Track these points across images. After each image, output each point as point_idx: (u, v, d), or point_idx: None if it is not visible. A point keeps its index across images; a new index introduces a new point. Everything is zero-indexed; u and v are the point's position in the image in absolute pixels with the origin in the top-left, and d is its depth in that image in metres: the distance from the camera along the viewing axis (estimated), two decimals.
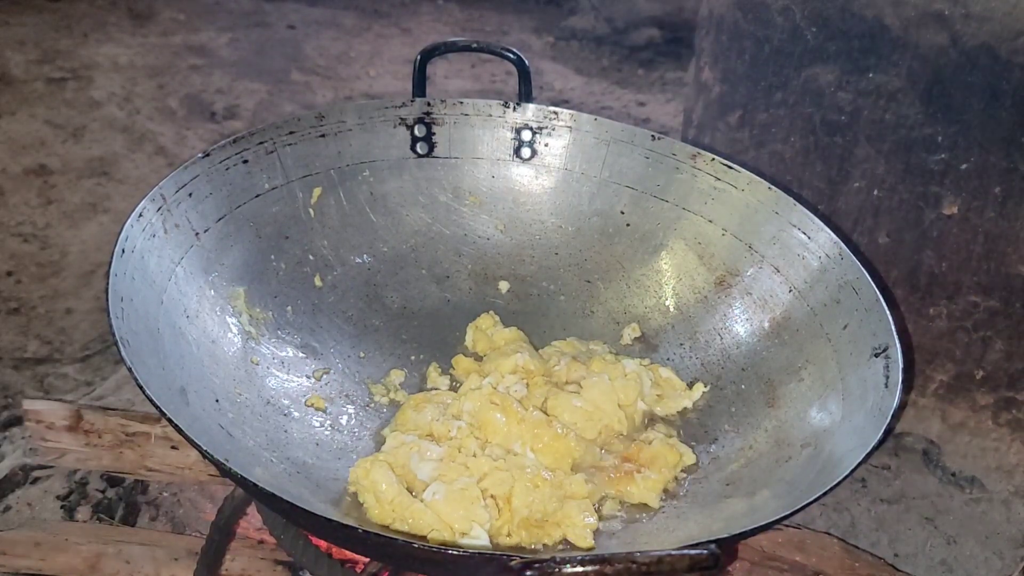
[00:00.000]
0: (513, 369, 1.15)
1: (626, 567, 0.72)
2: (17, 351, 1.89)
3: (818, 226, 1.19)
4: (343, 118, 1.29)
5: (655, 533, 1.01)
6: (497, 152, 1.37)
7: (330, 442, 1.09)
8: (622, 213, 1.35)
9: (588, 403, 1.12)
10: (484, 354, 1.24)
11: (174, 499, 1.42)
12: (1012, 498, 1.59)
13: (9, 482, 1.45)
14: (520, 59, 1.36)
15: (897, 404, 0.96)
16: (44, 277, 2.12)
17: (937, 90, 1.44)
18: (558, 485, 1.03)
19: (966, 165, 1.46)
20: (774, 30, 1.58)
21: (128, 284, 0.98)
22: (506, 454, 1.05)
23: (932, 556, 1.50)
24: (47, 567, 1.23)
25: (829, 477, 0.91)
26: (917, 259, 1.55)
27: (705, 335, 1.26)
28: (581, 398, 1.13)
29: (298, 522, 1.03)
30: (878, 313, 1.07)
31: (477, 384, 1.13)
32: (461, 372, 1.21)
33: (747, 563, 1.29)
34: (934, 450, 1.65)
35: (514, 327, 1.27)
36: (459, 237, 1.37)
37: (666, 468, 1.08)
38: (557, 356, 1.21)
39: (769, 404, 1.15)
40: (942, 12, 1.40)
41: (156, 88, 3.05)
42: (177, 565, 1.22)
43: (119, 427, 1.36)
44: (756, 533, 0.87)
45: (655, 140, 1.32)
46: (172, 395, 0.94)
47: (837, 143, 1.57)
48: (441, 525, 0.97)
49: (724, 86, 1.71)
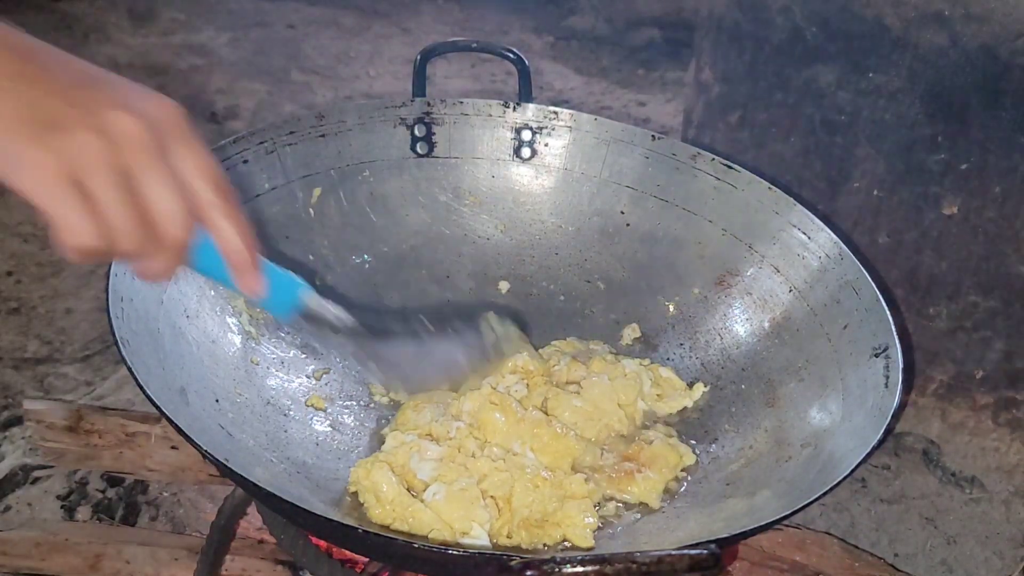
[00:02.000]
0: (513, 369, 1.15)
1: (626, 567, 0.72)
2: (17, 351, 1.88)
3: (818, 226, 1.19)
4: (343, 118, 1.29)
5: (655, 533, 1.01)
6: (497, 152, 1.37)
7: (330, 442, 1.09)
8: (622, 213, 1.35)
9: (588, 403, 1.12)
10: None
11: (174, 499, 1.42)
12: (1012, 498, 1.59)
13: (9, 482, 1.45)
14: (520, 59, 1.36)
15: (897, 404, 0.96)
16: (44, 277, 2.12)
17: (937, 90, 1.44)
18: (558, 485, 1.03)
19: (966, 165, 1.46)
20: (774, 30, 1.58)
21: (128, 284, 0.98)
22: (506, 454, 1.05)
23: (932, 556, 1.50)
24: (47, 567, 1.23)
25: (829, 477, 0.91)
26: (917, 259, 1.55)
27: (705, 335, 1.26)
28: (581, 398, 1.13)
29: (298, 522, 1.03)
30: (878, 313, 1.07)
31: (476, 384, 1.13)
32: None
33: (747, 563, 1.29)
34: (934, 450, 1.65)
35: (513, 325, 1.27)
36: (459, 237, 1.36)
37: (666, 468, 1.08)
38: (557, 356, 1.21)
39: (769, 404, 1.15)
40: (942, 12, 1.40)
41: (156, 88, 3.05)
42: (177, 565, 1.22)
43: (119, 427, 1.36)
44: (756, 533, 0.87)
45: (655, 140, 1.32)
46: (172, 395, 0.94)
47: (837, 143, 1.56)
48: (441, 525, 0.97)
49: (724, 86, 1.71)
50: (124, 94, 0.65)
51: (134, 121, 0.63)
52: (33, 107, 0.60)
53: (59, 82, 0.62)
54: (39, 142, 0.60)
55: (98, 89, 0.64)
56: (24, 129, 0.60)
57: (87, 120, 0.61)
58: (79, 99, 0.62)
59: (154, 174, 0.64)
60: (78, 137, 0.61)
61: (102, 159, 0.62)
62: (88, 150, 0.61)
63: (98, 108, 0.62)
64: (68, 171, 0.61)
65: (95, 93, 0.63)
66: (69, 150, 0.61)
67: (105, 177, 0.62)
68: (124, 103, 0.64)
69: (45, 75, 0.62)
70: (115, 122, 0.62)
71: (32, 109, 0.60)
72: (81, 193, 0.61)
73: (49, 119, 0.60)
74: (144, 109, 0.65)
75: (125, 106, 0.63)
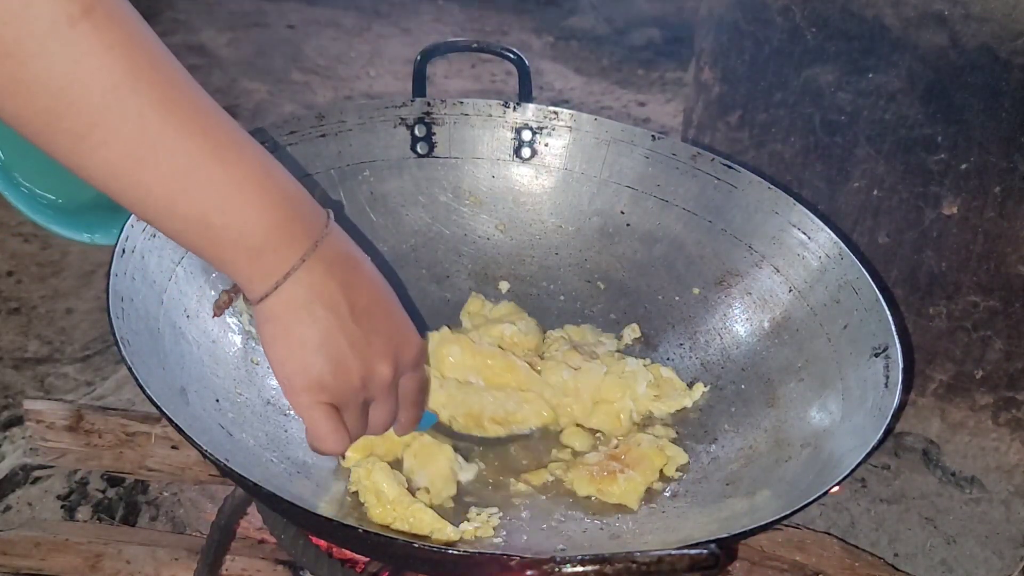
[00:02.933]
0: (499, 340, 1.16)
1: (626, 567, 0.72)
2: (17, 351, 1.89)
3: (818, 226, 1.19)
4: (343, 118, 1.29)
5: (655, 533, 1.01)
6: (497, 152, 1.37)
7: None
8: (622, 213, 1.35)
9: (573, 380, 1.15)
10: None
11: (174, 499, 1.42)
12: (1012, 498, 1.59)
13: (9, 482, 1.45)
14: (520, 59, 1.36)
15: (897, 404, 0.96)
16: (44, 277, 2.12)
17: (937, 90, 1.44)
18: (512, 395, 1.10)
19: (966, 165, 1.46)
20: (774, 30, 1.58)
21: (128, 284, 0.98)
22: (462, 385, 1.10)
23: (932, 556, 1.50)
24: (47, 567, 1.23)
25: (829, 477, 0.91)
26: (917, 259, 1.55)
27: (705, 335, 1.26)
28: (572, 374, 1.15)
29: (298, 522, 1.03)
30: (878, 313, 1.07)
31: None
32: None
33: (747, 563, 1.29)
34: (934, 450, 1.65)
35: (511, 302, 1.29)
36: (459, 237, 1.37)
37: (650, 471, 1.07)
38: (560, 342, 1.21)
39: (769, 404, 1.15)
40: (942, 12, 1.40)
41: None
42: (177, 565, 1.22)
43: (119, 427, 1.36)
44: (756, 533, 0.88)
45: (655, 140, 1.32)
46: (172, 395, 0.94)
47: (837, 143, 1.57)
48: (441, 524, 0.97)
49: (724, 86, 1.71)
50: (392, 335, 0.81)
51: (391, 371, 0.81)
52: (331, 344, 0.75)
53: (356, 311, 0.76)
54: (321, 381, 0.76)
55: (378, 327, 0.79)
56: (318, 363, 0.75)
57: (361, 370, 0.78)
58: (362, 343, 0.77)
59: (384, 404, 0.84)
60: (350, 386, 0.78)
61: (359, 399, 0.81)
62: (352, 395, 0.79)
63: (372, 356, 0.78)
64: (334, 400, 0.79)
65: (375, 334, 0.78)
66: (341, 395, 0.78)
67: (356, 412, 0.81)
68: (390, 353, 0.80)
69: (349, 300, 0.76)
70: (379, 372, 0.80)
71: (330, 347, 0.75)
72: (335, 424, 0.80)
73: (336, 362, 0.76)
74: (401, 357, 0.82)
75: (389, 357, 0.80)
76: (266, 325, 0.75)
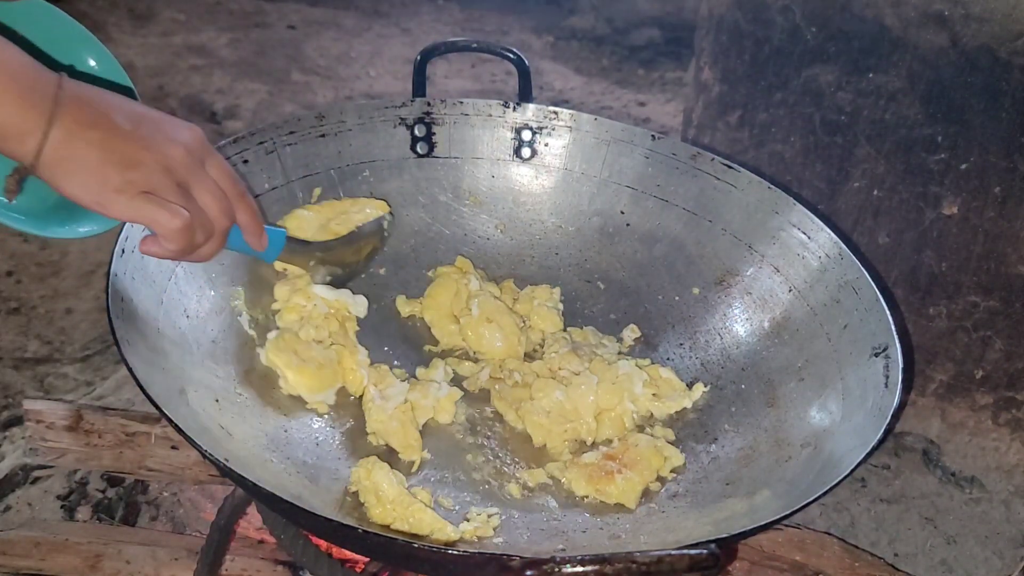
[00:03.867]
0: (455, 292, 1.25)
1: (626, 567, 0.72)
2: (17, 351, 1.89)
3: (818, 226, 1.19)
4: (343, 118, 1.29)
5: (655, 533, 1.01)
6: (497, 152, 1.37)
7: (330, 442, 1.09)
8: (622, 213, 1.35)
9: (569, 400, 1.13)
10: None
11: (174, 499, 1.42)
12: (1012, 498, 1.59)
13: (9, 482, 1.45)
14: (520, 59, 1.36)
15: (897, 404, 0.96)
16: (44, 277, 2.12)
17: (937, 90, 1.44)
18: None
19: (966, 165, 1.46)
20: (774, 30, 1.58)
21: (128, 284, 0.98)
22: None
23: (932, 556, 1.50)
24: (47, 567, 1.23)
25: (829, 477, 0.91)
26: (917, 259, 1.55)
27: (705, 335, 1.26)
28: (565, 393, 1.14)
29: (298, 522, 1.03)
30: (878, 313, 1.07)
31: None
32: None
33: (747, 563, 1.29)
34: (934, 450, 1.65)
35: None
36: (459, 237, 1.37)
37: (648, 471, 1.07)
38: (562, 341, 1.22)
39: (769, 404, 1.15)
40: (942, 13, 1.41)
41: (156, 88, 3.05)
42: (177, 565, 1.22)
43: (119, 427, 1.36)
44: (756, 533, 0.88)
45: (655, 140, 1.32)
46: (172, 395, 0.94)
47: (837, 143, 1.57)
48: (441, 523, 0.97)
49: (724, 86, 1.71)
50: (168, 130, 0.88)
51: (180, 150, 0.88)
52: (113, 152, 0.83)
53: (123, 127, 0.84)
54: (125, 179, 0.83)
55: (151, 128, 0.87)
56: (112, 171, 0.83)
57: (153, 157, 0.85)
58: (142, 140, 0.85)
59: (201, 184, 0.91)
60: (151, 169, 0.85)
61: (169, 181, 0.87)
62: (159, 177, 0.86)
63: (157, 145, 0.86)
64: (146, 188, 0.85)
65: (151, 132, 0.86)
66: (148, 180, 0.85)
67: (175, 192, 0.88)
68: (171, 137, 0.88)
69: (112, 121, 0.83)
70: (170, 154, 0.87)
71: (113, 154, 0.83)
72: (162, 204, 0.86)
73: (127, 160, 0.84)
74: (182, 138, 0.89)
75: (172, 139, 0.88)
76: (56, 173, 0.82)
